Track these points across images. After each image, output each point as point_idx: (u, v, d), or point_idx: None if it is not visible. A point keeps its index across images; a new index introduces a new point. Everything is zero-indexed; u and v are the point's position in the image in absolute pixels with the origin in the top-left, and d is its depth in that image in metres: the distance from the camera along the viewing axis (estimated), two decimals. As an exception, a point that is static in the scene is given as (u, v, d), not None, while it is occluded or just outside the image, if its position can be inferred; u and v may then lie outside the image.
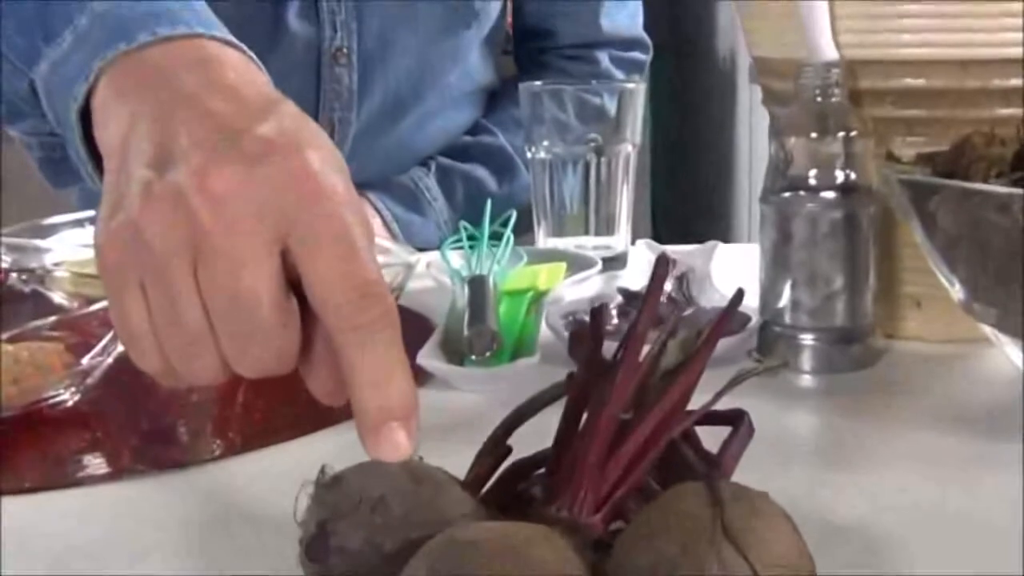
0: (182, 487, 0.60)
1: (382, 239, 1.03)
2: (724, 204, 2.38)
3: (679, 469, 0.44)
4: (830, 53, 0.74)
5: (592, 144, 1.04)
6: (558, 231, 1.06)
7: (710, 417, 0.45)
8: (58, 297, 0.85)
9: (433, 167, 1.25)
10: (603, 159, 1.03)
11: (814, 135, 0.74)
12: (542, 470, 0.46)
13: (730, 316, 0.47)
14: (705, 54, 2.36)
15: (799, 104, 0.75)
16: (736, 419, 0.46)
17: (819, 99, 0.74)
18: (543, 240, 1.06)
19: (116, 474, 0.62)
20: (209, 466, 0.63)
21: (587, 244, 1.05)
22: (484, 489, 0.46)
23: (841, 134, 0.73)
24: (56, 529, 0.56)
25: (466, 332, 0.72)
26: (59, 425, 0.69)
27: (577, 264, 0.97)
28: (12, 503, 0.58)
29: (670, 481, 0.43)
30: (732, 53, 2.27)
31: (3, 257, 0.86)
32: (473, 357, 0.71)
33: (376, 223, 1.16)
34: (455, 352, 0.73)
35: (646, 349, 0.45)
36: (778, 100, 0.82)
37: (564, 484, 0.41)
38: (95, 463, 0.64)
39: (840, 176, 0.73)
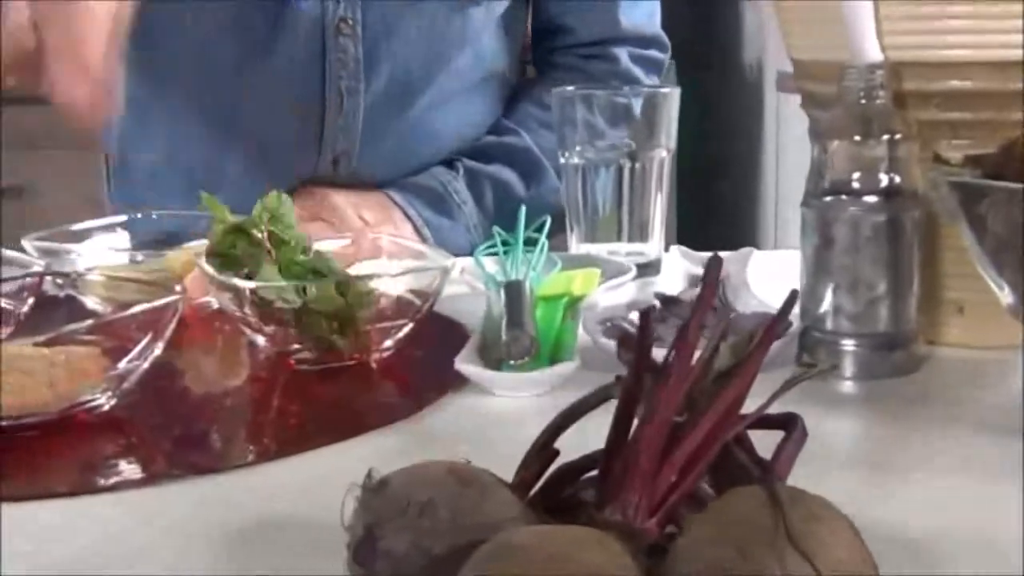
0: (217, 493, 0.59)
1: (415, 243, 1.03)
2: (749, 211, 2.37)
3: (733, 473, 0.43)
4: (874, 55, 0.73)
5: (625, 149, 1.03)
6: (591, 237, 1.05)
7: (763, 421, 0.44)
8: (91, 302, 0.85)
9: (461, 170, 1.24)
10: (637, 164, 1.03)
11: (857, 138, 0.73)
12: (591, 473, 0.45)
13: (784, 319, 0.46)
14: (731, 62, 2.35)
15: (842, 107, 0.74)
16: (789, 423, 0.45)
17: (863, 102, 0.73)
18: (576, 246, 1.05)
19: (151, 479, 0.62)
20: (244, 471, 0.62)
21: (620, 250, 1.04)
22: (531, 493, 0.46)
23: (885, 137, 0.72)
24: (90, 534, 0.55)
25: (504, 337, 0.71)
26: (95, 430, 0.68)
27: (611, 270, 0.96)
28: (48, 507, 0.58)
29: (723, 485, 0.42)
30: (759, 61, 2.26)
31: (36, 262, 0.86)
32: (511, 362, 0.70)
33: (407, 228, 1.15)
34: (492, 357, 0.73)
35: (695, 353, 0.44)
36: (819, 103, 0.81)
37: (617, 488, 0.41)
38: (130, 468, 0.64)
39: (884, 180, 0.72)
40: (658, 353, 0.52)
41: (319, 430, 0.67)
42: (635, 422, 0.43)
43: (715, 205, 2.39)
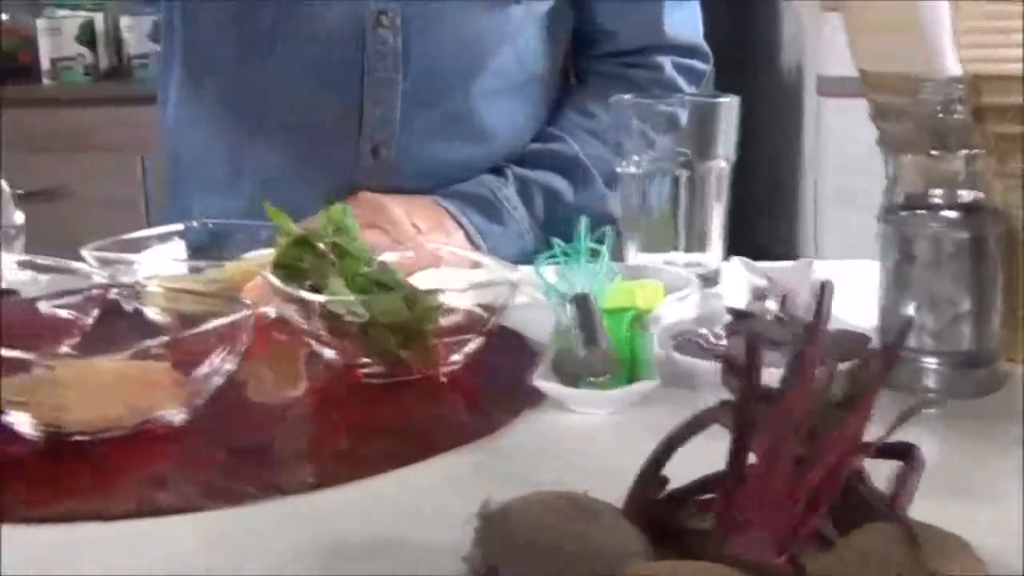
0: (301, 512, 0.59)
1: (474, 252, 1.02)
2: (786, 216, 2.35)
3: (851, 505, 0.42)
4: (952, 68, 0.72)
5: (682, 159, 1.02)
6: (648, 247, 1.04)
7: (883, 451, 0.44)
8: (152, 312, 0.85)
9: (510, 177, 1.23)
10: (694, 174, 1.02)
11: (933, 152, 0.71)
12: (700, 497, 0.44)
13: (900, 345, 0.45)
14: (769, 65, 2.33)
15: (916, 120, 0.73)
16: (906, 452, 0.44)
17: (940, 115, 0.71)
18: (632, 256, 1.04)
19: (234, 498, 0.60)
20: (328, 491, 0.61)
21: (677, 260, 1.03)
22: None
23: (963, 152, 0.71)
24: (166, 554, 0.55)
25: (581, 353, 0.70)
26: (171, 445, 0.68)
27: (670, 281, 0.95)
28: (123, 527, 0.57)
29: (844, 518, 0.41)
30: (798, 66, 2.24)
31: (99, 272, 0.85)
32: (591, 379, 0.69)
33: (459, 236, 1.14)
34: (568, 373, 0.72)
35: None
36: (889, 115, 0.80)
37: (741, 522, 0.40)
38: (211, 486, 0.63)
39: (964, 195, 0.70)
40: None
41: (399, 448, 0.66)
42: (748, 451, 0.42)
43: (750, 209, 2.37)
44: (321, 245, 0.80)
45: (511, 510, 0.41)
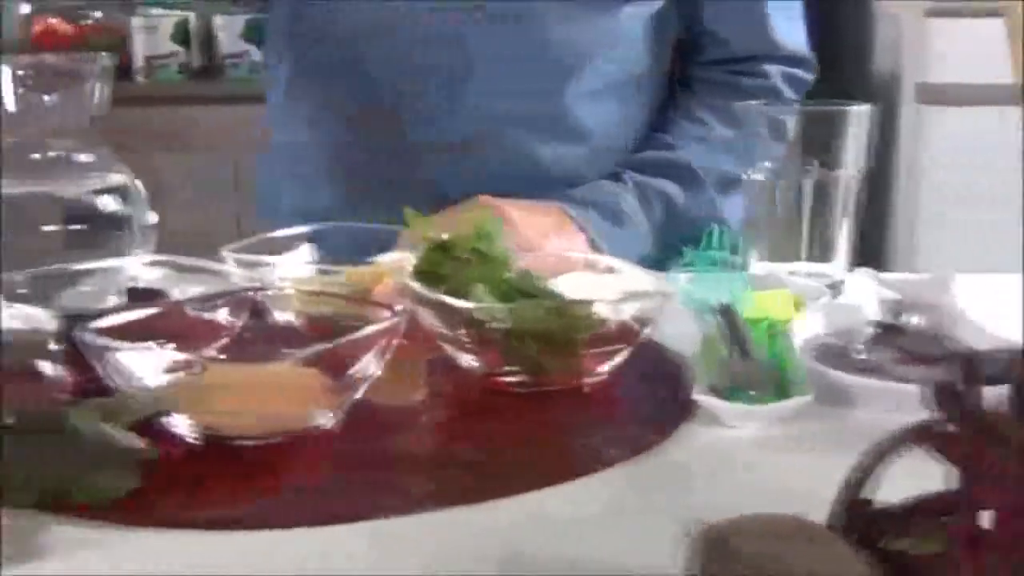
0: (472, 523, 0.58)
1: (609, 258, 1.01)
2: (878, 227, 2.32)
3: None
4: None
5: (810, 168, 1.00)
6: (772, 255, 1.03)
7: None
8: (284, 315, 0.85)
9: (629, 183, 1.23)
10: (823, 183, 1.00)
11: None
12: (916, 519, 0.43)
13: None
14: (861, 73, 2.30)
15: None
16: None
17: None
18: (755, 265, 1.03)
19: (402, 508, 0.59)
20: (498, 503, 0.60)
21: (801, 270, 1.02)
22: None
23: None
24: (340, 566, 0.54)
25: (735, 367, 0.69)
26: (328, 452, 0.67)
27: (795, 291, 0.94)
28: (292, 536, 0.57)
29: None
30: (894, 73, 2.22)
31: (236, 275, 0.86)
32: (751, 393, 0.68)
33: (580, 240, 1.14)
34: (721, 385, 0.71)
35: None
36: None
37: (973, 557, 0.39)
38: (377, 496, 0.62)
39: None
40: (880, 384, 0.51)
41: (559, 462, 0.66)
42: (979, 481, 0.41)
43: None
44: (462, 251, 0.80)
45: (730, 533, 0.40)
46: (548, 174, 1.23)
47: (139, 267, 0.85)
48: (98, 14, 2.59)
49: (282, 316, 0.84)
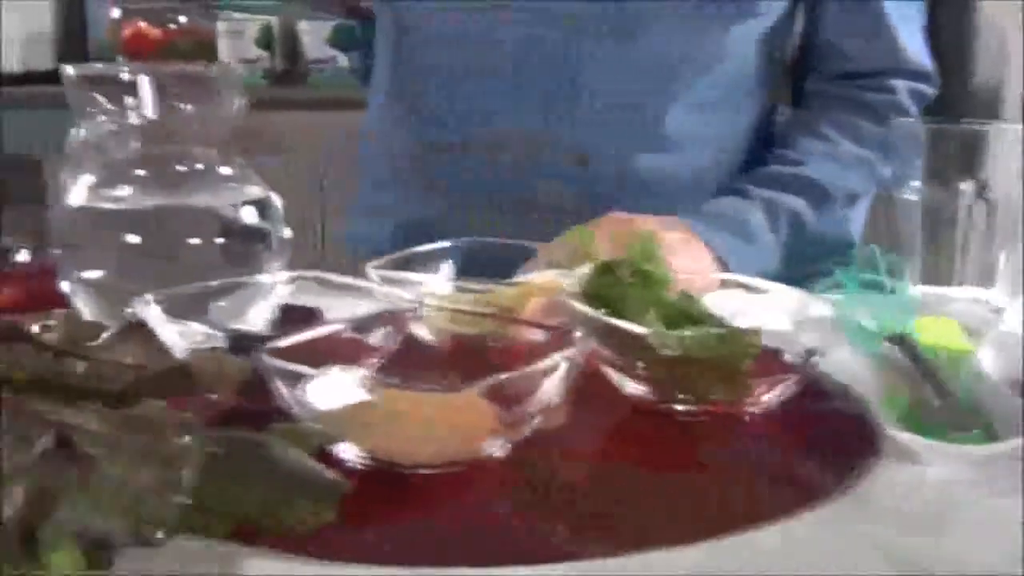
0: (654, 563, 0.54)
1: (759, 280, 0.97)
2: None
3: None
4: None
5: (969, 187, 0.96)
6: (926, 279, 0.98)
7: None
8: (426, 335, 0.82)
9: (757, 199, 1.19)
10: (983, 204, 0.96)
11: None
12: None
13: None
14: (959, 82, 2.24)
15: None
16: None
17: None
18: (909, 288, 0.99)
19: (608, 549, 0.55)
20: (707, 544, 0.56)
21: (958, 295, 0.97)
22: None
23: None
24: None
25: (935, 404, 0.65)
26: (498, 483, 0.64)
27: (957, 317, 0.89)
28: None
29: None
30: (996, 85, 2.15)
31: (384, 292, 0.82)
32: (957, 433, 0.64)
33: (707, 257, 1.10)
34: (916, 422, 0.66)
35: None
36: None
37: None
38: (573, 535, 0.57)
39: None
40: None
41: (767, 497, 0.62)
42: None
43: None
44: (626, 273, 0.77)
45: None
46: (647, 188, 1.21)
47: (282, 283, 0.82)
48: (183, 19, 2.58)
49: (428, 335, 0.82)
